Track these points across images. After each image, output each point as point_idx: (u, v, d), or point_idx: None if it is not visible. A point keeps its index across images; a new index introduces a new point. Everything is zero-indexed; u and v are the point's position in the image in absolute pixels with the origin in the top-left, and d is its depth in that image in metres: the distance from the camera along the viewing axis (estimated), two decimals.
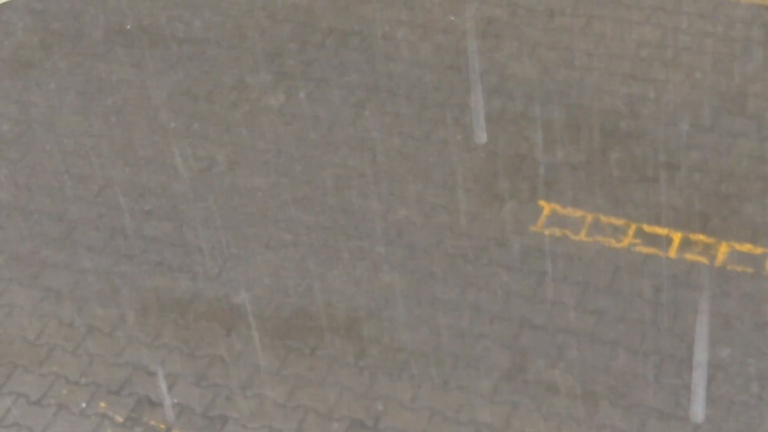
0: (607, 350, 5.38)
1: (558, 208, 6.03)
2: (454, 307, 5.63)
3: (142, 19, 7.44)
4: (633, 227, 5.89)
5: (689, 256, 5.73)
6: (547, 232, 5.92)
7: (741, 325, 5.41)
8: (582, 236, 5.88)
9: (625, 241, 5.83)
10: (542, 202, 6.07)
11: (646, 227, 5.89)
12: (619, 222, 5.93)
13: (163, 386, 5.43)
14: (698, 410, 5.08)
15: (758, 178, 6.05)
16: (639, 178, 6.11)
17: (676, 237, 5.82)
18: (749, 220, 5.85)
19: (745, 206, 5.92)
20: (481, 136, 6.25)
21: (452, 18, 7.19)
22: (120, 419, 5.35)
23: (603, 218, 5.95)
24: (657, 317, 5.48)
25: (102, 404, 5.41)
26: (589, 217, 5.96)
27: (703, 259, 5.71)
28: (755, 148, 6.21)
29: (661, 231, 5.87)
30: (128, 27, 7.39)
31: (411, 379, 5.37)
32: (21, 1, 7.72)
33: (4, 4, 7.67)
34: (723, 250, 5.74)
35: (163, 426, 5.30)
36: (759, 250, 5.72)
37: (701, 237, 5.81)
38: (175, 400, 5.39)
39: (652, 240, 5.82)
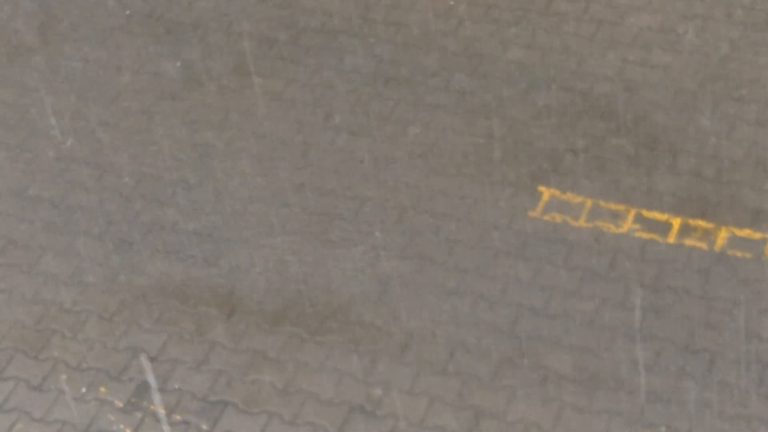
0: (606, 336, 5.39)
1: (557, 193, 6.03)
2: (453, 293, 5.63)
3: (141, 5, 7.43)
4: (632, 213, 5.89)
5: (689, 242, 5.73)
6: (546, 217, 5.92)
7: (740, 310, 5.41)
8: (581, 222, 5.88)
9: (625, 227, 5.83)
10: (542, 188, 6.06)
11: (646, 213, 5.89)
12: (618, 207, 5.93)
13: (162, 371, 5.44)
14: None
15: (757, 164, 6.04)
16: (638, 163, 6.11)
17: (676, 222, 5.82)
18: (748, 206, 5.85)
19: (745, 191, 5.92)
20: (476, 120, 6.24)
21: (451, 2, 7.18)
22: (120, 404, 5.35)
23: (602, 204, 5.95)
24: (656, 303, 5.49)
25: (102, 389, 5.42)
26: (589, 203, 5.96)
27: (702, 245, 5.71)
28: (755, 133, 6.20)
29: (661, 216, 5.87)
30: (127, 12, 7.37)
31: (410, 365, 5.37)
32: None
33: None
34: (722, 236, 5.74)
35: (163, 411, 5.31)
36: (758, 235, 5.72)
37: (701, 222, 5.81)
38: (176, 386, 5.40)
39: (652, 225, 5.82)
